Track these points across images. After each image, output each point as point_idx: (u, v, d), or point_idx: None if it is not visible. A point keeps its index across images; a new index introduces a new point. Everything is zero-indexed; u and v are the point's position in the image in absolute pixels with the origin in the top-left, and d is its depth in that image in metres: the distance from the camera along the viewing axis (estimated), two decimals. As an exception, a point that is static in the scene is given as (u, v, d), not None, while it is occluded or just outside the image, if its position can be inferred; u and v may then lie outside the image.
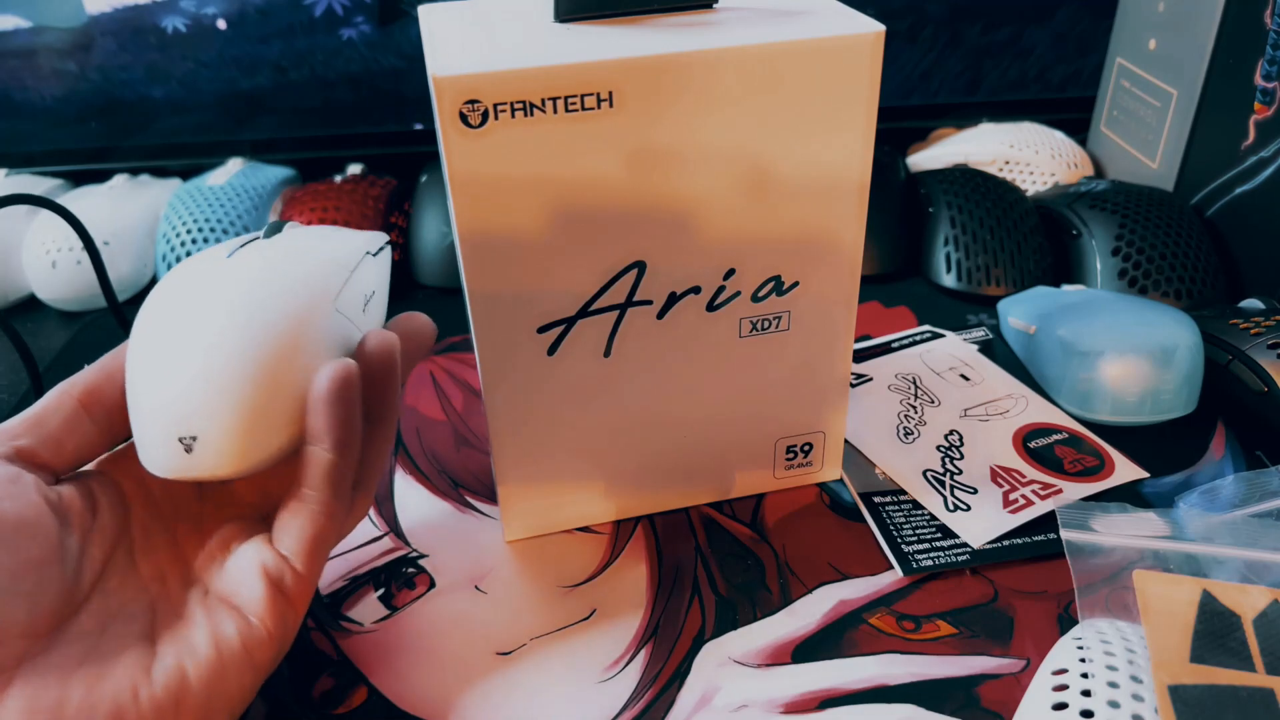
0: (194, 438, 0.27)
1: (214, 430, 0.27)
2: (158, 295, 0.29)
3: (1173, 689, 0.26)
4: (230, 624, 0.27)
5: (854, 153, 0.31)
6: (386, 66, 0.64)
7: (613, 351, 0.33)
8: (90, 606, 0.26)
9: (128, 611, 0.27)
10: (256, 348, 0.27)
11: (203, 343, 0.27)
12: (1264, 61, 0.47)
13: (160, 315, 0.28)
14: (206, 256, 0.30)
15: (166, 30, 0.62)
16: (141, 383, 0.28)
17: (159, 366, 0.28)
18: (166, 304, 0.29)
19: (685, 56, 0.28)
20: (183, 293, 0.29)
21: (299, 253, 0.30)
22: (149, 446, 0.28)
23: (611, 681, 0.31)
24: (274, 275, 0.29)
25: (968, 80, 0.66)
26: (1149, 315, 0.42)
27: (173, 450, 0.27)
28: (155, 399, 0.27)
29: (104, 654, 0.26)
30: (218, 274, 0.29)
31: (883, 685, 0.31)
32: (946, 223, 0.53)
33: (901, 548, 0.35)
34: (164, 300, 0.29)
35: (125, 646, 0.26)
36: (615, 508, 0.37)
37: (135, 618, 0.27)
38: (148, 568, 0.28)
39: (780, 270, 0.33)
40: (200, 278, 0.29)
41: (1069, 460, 0.39)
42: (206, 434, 0.27)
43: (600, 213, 0.30)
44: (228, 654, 0.27)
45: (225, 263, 0.29)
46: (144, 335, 0.28)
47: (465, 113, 0.27)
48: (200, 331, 0.28)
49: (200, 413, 0.27)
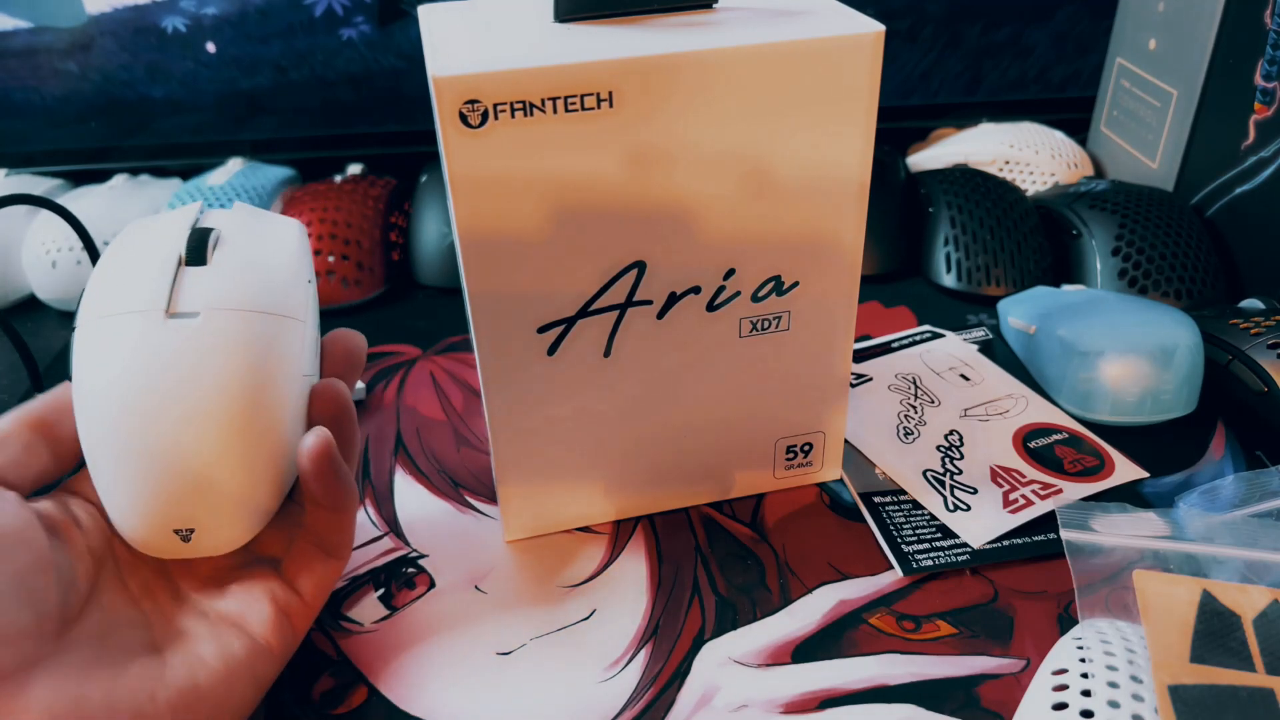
0: (191, 530, 0.27)
1: (211, 520, 0.27)
2: (99, 357, 0.26)
3: (1173, 689, 0.26)
4: (236, 640, 0.28)
5: (854, 152, 0.31)
6: (386, 66, 0.64)
7: (613, 351, 0.33)
8: (88, 618, 0.26)
9: (126, 624, 0.27)
10: (240, 430, 0.27)
11: (183, 431, 0.26)
12: (1264, 61, 0.47)
13: (116, 390, 0.26)
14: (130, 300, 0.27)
15: (166, 30, 0.62)
16: (117, 469, 0.26)
17: (137, 456, 0.26)
18: (117, 375, 0.26)
19: (685, 56, 0.28)
20: (133, 360, 0.26)
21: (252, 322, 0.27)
22: (138, 532, 0.27)
23: (611, 681, 0.31)
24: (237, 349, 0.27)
25: (968, 80, 0.66)
26: (1149, 315, 0.42)
27: (168, 541, 0.27)
28: (140, 491, 0.26)
29: (113, 659, 0.26)
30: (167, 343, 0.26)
31: (883, 685, 0.31)
32: (946, 223, 0.53)
33: (901, 548, 0.35)
34: (113, 370, 0.26)
35: (132, 654, 0.26)
36: (615, 508, 0.37)
37: (135, 629, 0.27)
38: (135, 584, 0.29)
39: (780, 270, 0.33)
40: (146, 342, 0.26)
41: (1069, 460, 0.39)
42: (204, 523, 0.27)
43: (600, 213, 0.30)
44: (234, 666, 0.28)
45: (171, 329, 0.26)
46: (104, 412, 0.26)
47: (465, 113, 0.27)
48: (175, 417, 0.26)
49: (194, 504, 0.27)
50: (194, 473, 0.26)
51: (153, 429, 0.26)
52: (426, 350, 0.49)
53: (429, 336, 0.50)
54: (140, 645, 0.27)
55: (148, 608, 0.28)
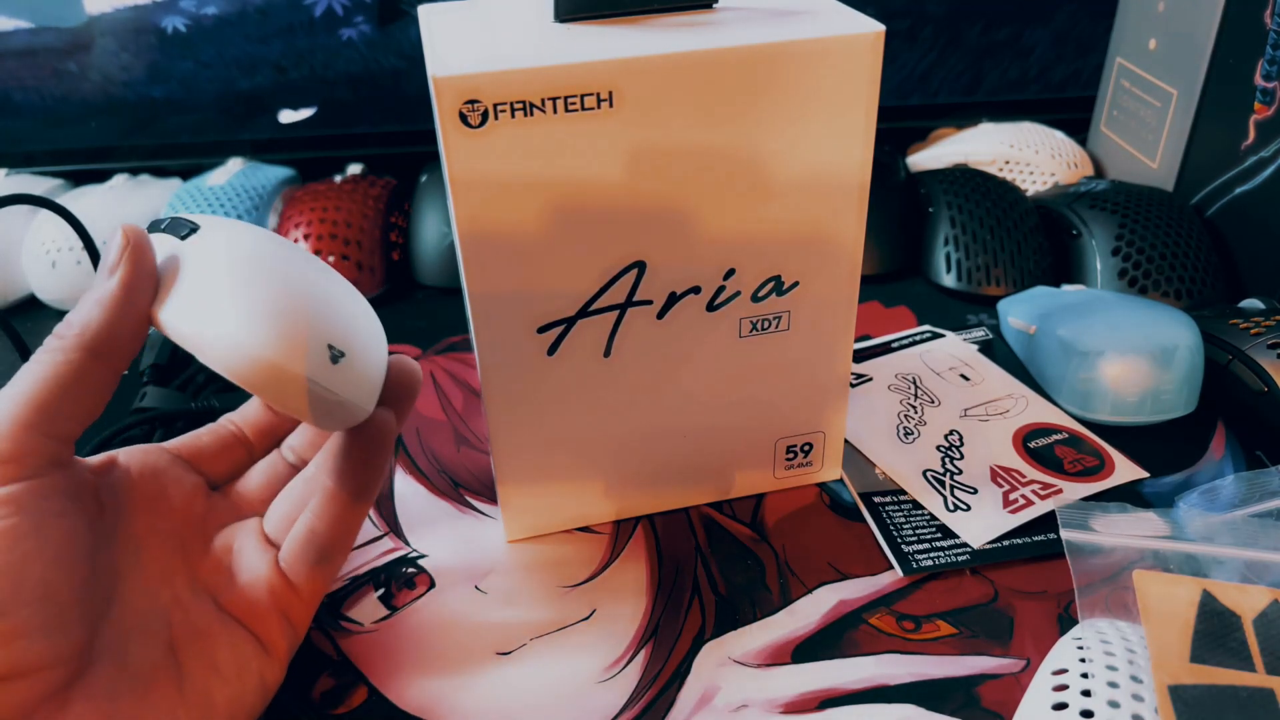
0: (343, 353, 0.26)
1: (360, 350, 0.27)
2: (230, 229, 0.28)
3: (1173, 689, 0.26)
4: (247, 645, 0.28)
5: (854, 152, 0.31)
6: (386, 66, 0.64)
7: (613, 351, 0.33)
8: (111, 619, 0.26)
9: (147, 624, 0.27)
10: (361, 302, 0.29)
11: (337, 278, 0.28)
12: (1264, 61, 0.47)
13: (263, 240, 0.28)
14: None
15: (166, 30, 0.62)
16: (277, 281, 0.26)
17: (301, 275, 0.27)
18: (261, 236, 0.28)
19: (685, 56, 0.28)
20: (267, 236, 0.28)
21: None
22: (285, 342, 0.25)
23: (611, 681, 0.31)
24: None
25: (968, 80, 0.66)
26: (1149, 315, 0.42)
27: (318, 356, 0.26)
28: (304, 301, 0.26)
29: (136, 675, 0.26)
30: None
31: (883, 685, 0.31)
32: (946, 222, 0.53)
33: (901, 548, 0.35)
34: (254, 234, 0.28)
35: (153, 665, 0.26)
36: (616, 508, 0.37)
37: (155, 631, 0.27)
38: (154, 569, 0.28)
39: (780, 270, 0.33)
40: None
41: (1069, 460, 0.39)
42: (355, 350, 0.27)
43: (600, 212, 0.30)
44: (246, 676, 0.28)
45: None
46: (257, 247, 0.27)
47: (465, 113, 0.27)
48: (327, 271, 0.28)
49: (347, 326, 0.27)
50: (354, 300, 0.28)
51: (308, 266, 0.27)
52: (426, 350, 0.49)
53: (429, 336, 0.50)
54: (159, 650, 0.26)
55: (166, 598, 0.28)
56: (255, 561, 0.29)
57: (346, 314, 0.27)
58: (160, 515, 0.29)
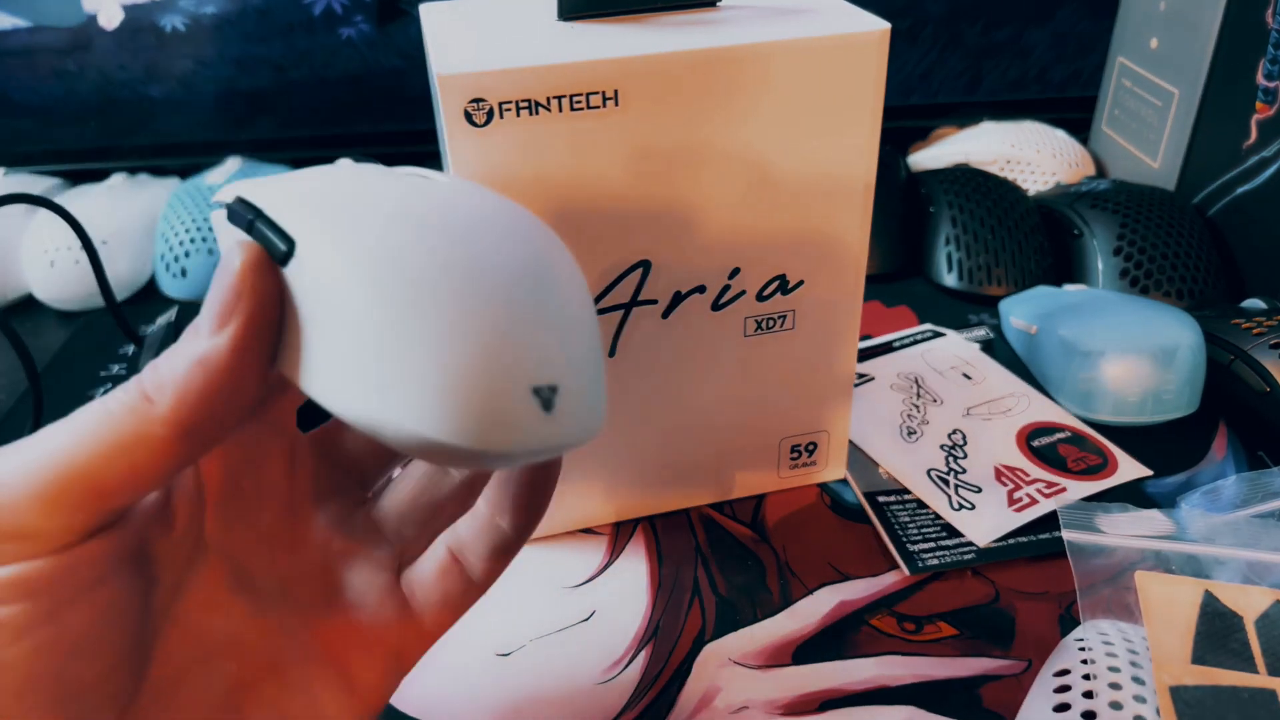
0: (554, 388, 0.18)
1: (576, 374, 0.19)
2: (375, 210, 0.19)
3: (1174, 690, 0.26)
4: (331, 695, 0.22)
5: (859, 151, 0.31)
6: (386, 66, 0.64)
7: (618, 351, 0.33)
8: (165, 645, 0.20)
9: (207, 654, 0.21)
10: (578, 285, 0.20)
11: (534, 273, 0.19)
12: (1265, 61, 0.47)
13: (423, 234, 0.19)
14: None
15: (166, 30, 0.62)
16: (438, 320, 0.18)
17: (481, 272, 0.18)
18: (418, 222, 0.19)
19: (691, 55, 0.28)
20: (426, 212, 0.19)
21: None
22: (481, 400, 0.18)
23: (611, 682, 0.31)
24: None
25: (968, 80, 0.66)
26: (1151, 315, 0.42)
27: (524, 410, 0.18)
28: (491, 332, 0.18)
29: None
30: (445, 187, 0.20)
31: (883, 686, 0.30)
32: (948, 222, 0.52)
33: (907, 547, 0.35)
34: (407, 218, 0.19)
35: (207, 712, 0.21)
36: (621, 508, 0.37)
37: (216, 663, 0.21)
38: (224, 574, 0.22)
39: (785, 269, 0.33)
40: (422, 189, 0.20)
41: (1072, 458, 0.39)
42: (569, 379, 0.19)
43: (606, 212, 0.30)
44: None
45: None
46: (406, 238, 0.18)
47: (470, 111, 0.27)
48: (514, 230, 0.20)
49: (553, 346, 0.19)
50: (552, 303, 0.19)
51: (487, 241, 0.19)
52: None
53: (428, 336, 0.50)
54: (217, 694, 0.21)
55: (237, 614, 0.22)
56: (370, 581, 0.23)
57: (554, 312, 0.19)
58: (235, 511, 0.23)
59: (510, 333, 0.18)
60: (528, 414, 0.18)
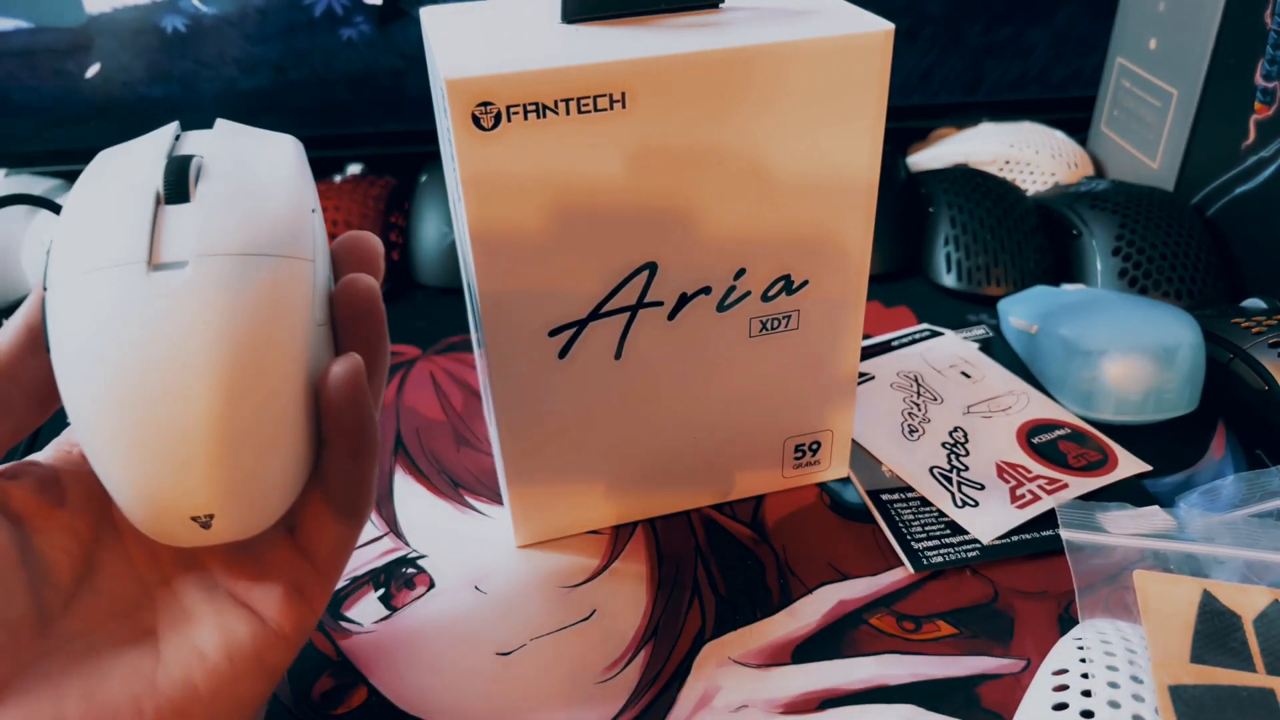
0: (210, 515, 0.23)
1: (233, 502, 0.23)
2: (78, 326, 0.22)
3: (1173, 689, 0.26)
4: (243, 625, 0.25)
5: (863, 151, 0.31)
6: (386, 66, 0.64)
7: (624, 353, 0.33)
8: (78, 606, 0.24)
9: (122, 607, 0.25)
10: (251, 395, 0.23)
11: (187, 404, 0.22)
12: (1264, 61, 0.47)
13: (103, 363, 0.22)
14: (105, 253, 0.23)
15: (166, 30, 0.62)
16: (115, 454, 0.23)
17: (137, 436, 0.22)
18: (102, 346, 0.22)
19: (698, 56, 0.28)
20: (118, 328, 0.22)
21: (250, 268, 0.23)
22: (150, 523, 0.23)
23: (611, 682, 0.31)
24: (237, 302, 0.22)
25: (968, 80, 0.66)
26: (1151, 314, 0.42)
27: (187, 530, 0.23)
28: (146, 476, 0.22)
29: (100, 659, 0.23)
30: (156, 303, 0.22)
31: (883, 685, 0.31)
32: (947, 222, 0.53)
33: (911, 544, 0.35)
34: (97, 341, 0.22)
35: (122, 649, 0.24)
36: (626, 510, 0.37)
37: (131, 613, 0.25)
38: (139, 551, 0.26)
39: (790, 269, 0.33)
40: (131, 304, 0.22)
41: (1073, 455, 0.39)
42: (225, 506, 0.23)
43: (612, 214, 0.30)
44: (239, 659, 0.25)
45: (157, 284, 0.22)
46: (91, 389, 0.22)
47: (478, 115, 0.27)
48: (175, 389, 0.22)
49: (211, 485, 0.23)
50: (205, 449, 0.22)
51: (152, 405, 0.22)
52: (426, 350, 0.49)
53: (428, 336, 0.50)
54: (133, 634, 0.24)
55: (151, 578, 0.26)
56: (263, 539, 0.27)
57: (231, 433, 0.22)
58: None
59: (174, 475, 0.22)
60: (191, 531, 0.23)
